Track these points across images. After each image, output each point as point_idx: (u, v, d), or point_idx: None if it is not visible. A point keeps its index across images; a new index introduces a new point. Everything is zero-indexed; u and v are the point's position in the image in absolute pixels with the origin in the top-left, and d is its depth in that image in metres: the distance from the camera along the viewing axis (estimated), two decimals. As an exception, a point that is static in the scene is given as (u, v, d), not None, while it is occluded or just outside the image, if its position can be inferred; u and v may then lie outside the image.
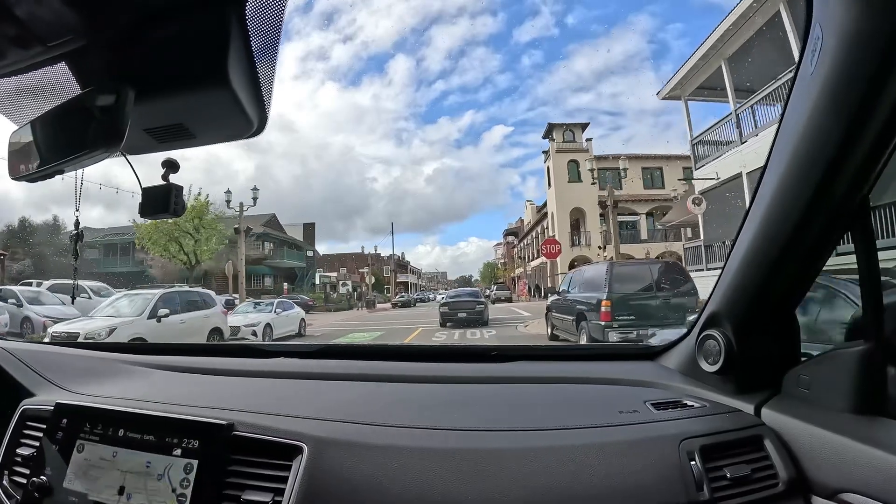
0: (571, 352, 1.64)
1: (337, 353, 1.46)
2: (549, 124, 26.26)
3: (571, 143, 26.54)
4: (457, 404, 0.95)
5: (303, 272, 29.98)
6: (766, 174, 0.76)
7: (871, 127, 0.61)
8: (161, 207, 0.75)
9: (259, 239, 26.76)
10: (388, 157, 54.26)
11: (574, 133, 26.85)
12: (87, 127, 0.62)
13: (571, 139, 26.67)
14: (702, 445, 0.77)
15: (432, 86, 53.38)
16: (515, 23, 49.82)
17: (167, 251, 16.66)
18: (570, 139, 26.64)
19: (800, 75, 0.67)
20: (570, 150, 25.86)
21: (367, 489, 0.74)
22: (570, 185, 25.82)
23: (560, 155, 25.73)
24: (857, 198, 0.70)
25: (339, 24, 50.02)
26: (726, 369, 0.90)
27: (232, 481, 0.79)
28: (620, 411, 0.88)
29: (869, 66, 0.57)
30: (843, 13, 0.58)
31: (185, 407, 0.92)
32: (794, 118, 0.69)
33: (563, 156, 26.23)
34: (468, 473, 0.74)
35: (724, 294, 0.90)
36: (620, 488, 0.72)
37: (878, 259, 0.72)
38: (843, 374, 0.75)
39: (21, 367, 1.16)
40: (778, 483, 0.74)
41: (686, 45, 31.89)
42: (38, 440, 0.95)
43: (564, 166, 25.71)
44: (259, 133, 0.68)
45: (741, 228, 0.83)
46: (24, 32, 0.59)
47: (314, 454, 0.78)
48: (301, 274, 29.72)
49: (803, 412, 0.78)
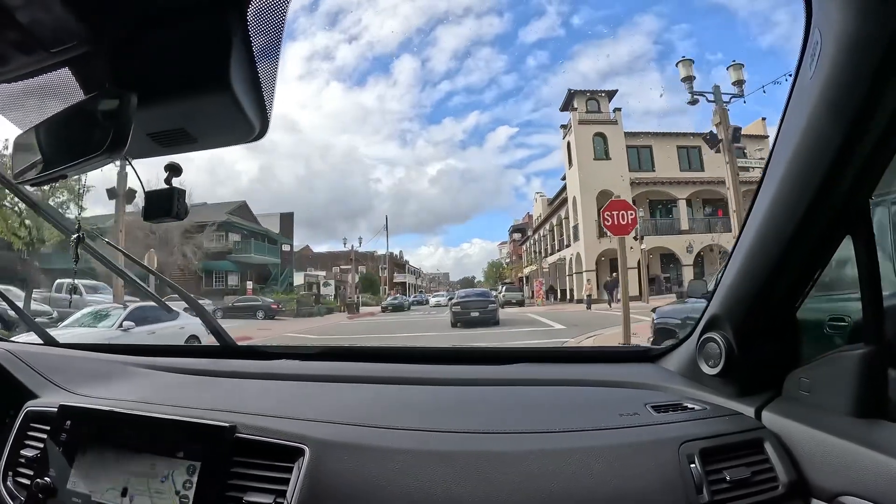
0: (572, 354, 1.67)
1: (339, 355, 1.52)
2: (569, 91, 21.73)
3: (596, 113, 21.48)
4: (458, 406, 0.99)
5: (278, 269, 24.84)
6: (766, 178, 0.79)
7: (870, 131, 0.64)
8: (164, 211, 0.77)
9: (221, 229, 21.89)
10: (393, 158, 55.50)
11: (599, 102, 22.29)
12: (90, 131, 0.64)
13: (596, 109, 21.71)
14: (702, 448, 0.79)
15: (437, 86, 55.60)
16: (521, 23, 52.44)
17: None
18: (595, 109, 21.58)
19: (799, 80, 0.70)
20: (595, 121, 21.04)
21: (368, 491, 0.78)
22: (596, 164, 22.75)
23: (583, 128, 21.34)
24: (858, 201, 0.73)
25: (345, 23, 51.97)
26: (727, 372, 0.92)
27: (234, 483, 0.83)
28: (621, 414, 0.90)
29: (868, 70, 0.60)
30: (842, 18, 0.60)
31: (188, 409, 0.97)
32: (794, 122, 0.72)
33: (587, 129, 23.48)
34: (469, 476, 0.77)
35: (725, 296, 0.93)
36: (620, 491, 0.75)
37: (879, 262, 0.75)
38: (844, 377, 0.77)
39: (25, 368, 1.21)
40: (778, 486, 0.76)
41: (692, 46, 35.17)
42: (42, 442, 0.99)
43: (589, 141, 21.08)
44: (261, 137, 0.71)
45: (742, 231, 0.87)
46: (27, 39, 0.62)
47: (316, 456, 0.82)
48: (276, 272, 24.60)
49: (804, 415, 0.80)
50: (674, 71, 12.18)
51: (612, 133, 22.70)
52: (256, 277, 26.85)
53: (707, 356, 0.96)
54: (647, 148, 23.87)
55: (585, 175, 21.44)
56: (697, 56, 34.50)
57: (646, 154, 23.80)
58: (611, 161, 22.24)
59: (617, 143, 22.74)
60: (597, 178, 21.04)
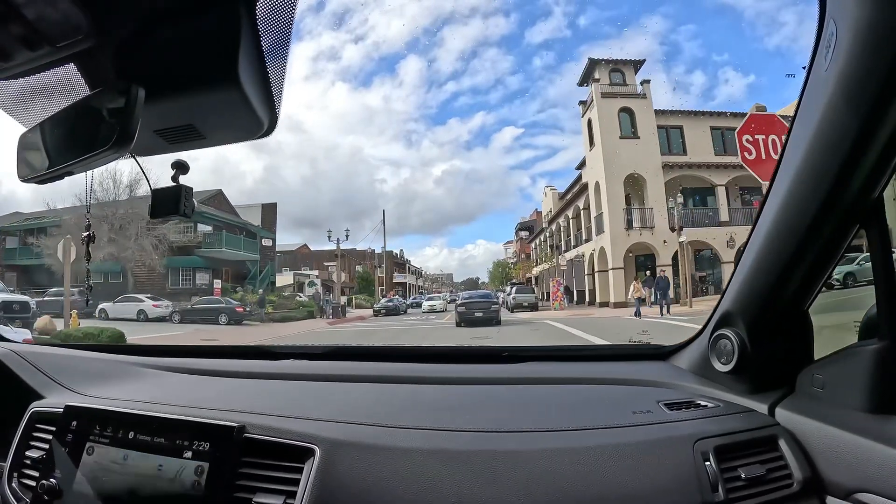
0: (583, 352, 1.66)
1: (347, 355, 1.55)
2: (589, 61, 18.88)
3: (621, 86, 17.91)
4: (469, 405, 1.00)
5: (257, 267, 21.64)
6: (779, 172, 0.81)
7: (887, 123, 0.64)
8: (171, 209, 0.79)
9: (189, 219, 18.59)
10: (398, 158, 56.00)
11: (624, 73, 18.80)
12: (96, 128, 0.64)
13: (621, 81, 18.22)
14: (716, 446, 0.80)
15: (443, 87, 57.22)
16: (528, 24, 53.91)
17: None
18: (620, 81, 18.11)
19: (813, 72, 0.71)
20: (620, 94, 17.62)
21: (379, 491, 0.79)
22: (622, 144, 19.44)
23: (607, 102, 18.42)
24: (873, 196, 0.73)
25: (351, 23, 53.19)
26: (740, 369, 0.93)
27: (243, 484, 0.84)
28: (634, 412, 0.92)
29: (887, 59, 0.60)
30: (857, 7, 0.60)
31: (196, 409, 0.97)
32: (808, 116, 0.72)
33: (612, 103, 20.37)
34: (481, 475, 0.78)
35: (738, 293, 0.94)
36: (635, 489, 0.76)
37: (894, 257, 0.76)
38: (858, 372, 0.77)
39: (30, 369, 1.22)
40: (793, 483, 0.78)
41: (698, 47, 35.39)
42: (47, 443, 1.01)
43: (614, 117, 18.11)
44: (269, 133, 0.71)
45: (754, 226, 0.89)
46: (32, 33, 0.62)
47: (326, 456, 0.82)
48: (255, 269, 21.42)
49: (818, 411, 0.81)
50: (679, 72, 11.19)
51: (640, 108, 19.89)
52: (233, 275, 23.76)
53: (719, 353, 0.97)
54: (678, 129, 20.80)
55: (611, 156, 19.19)
56: (704, 57, 34.26)
57: (675, 135, 20.75)
58: (639, 140, 19.10)
59: (646, 119, 19.70)
60: (624, 160, 19.18)
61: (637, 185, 19.22)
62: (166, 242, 21.29)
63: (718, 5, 32.72)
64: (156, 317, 17.77)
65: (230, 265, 24.55)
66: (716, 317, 0.99)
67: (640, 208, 19.16)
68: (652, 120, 19.91)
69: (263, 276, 25.40)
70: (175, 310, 18.01)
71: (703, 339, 1.04)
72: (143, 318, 17.61)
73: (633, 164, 18.70)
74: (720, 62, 31.40)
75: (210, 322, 16.88)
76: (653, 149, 19.04)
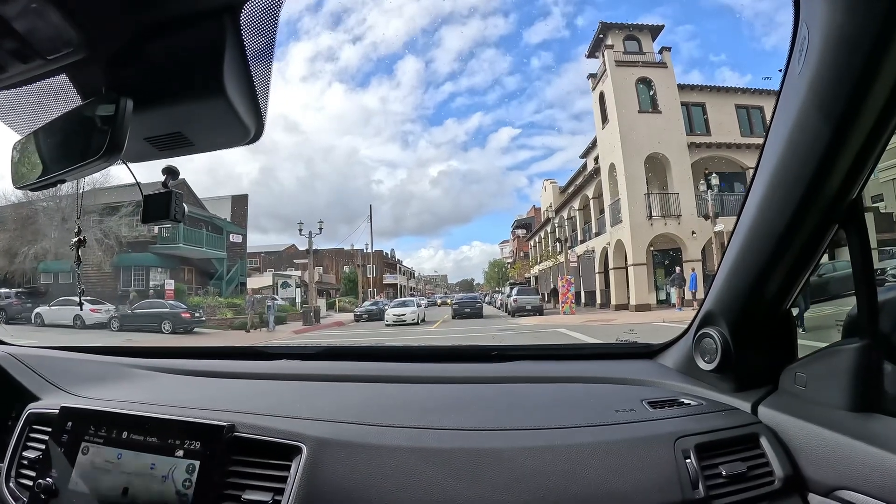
0: (570, 351, 1.66)
1: (338, 355, 1.61)
2: (601, 24, 15.82)
3: (637, 54, 15.06)
4: (455, 404, 1.04)
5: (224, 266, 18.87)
6: (758, 173, 0.83)
7: (860, 125, 0.67)
8: (162, 213, 0.81)
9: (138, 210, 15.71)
10: (394, 159, 57.10)
11: (640, 41, 15.75)
12: (88, 137, 0.67)
13: (637, 49, 15.30)
14: (697, 443, 0.83)
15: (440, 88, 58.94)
16: (526, 24, 52.73)
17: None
18: (635, 49, 15.24)
19: (788, 75, 0.73)
20: (637, 62, 14.54)
21: (365, 488, 0.81)
22: (641, 119, 16.63)
23: (622, 71, 15.68)
24: (851, 196, 0.75)
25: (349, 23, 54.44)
26: (723, 367, 0.96)
27: (233, 481, 0.87)
28: (617, 410, 0.94)
29: (856, 63, 0.62)
30: (829, 13, 0.62)
31: (188, 409, 1.01)
32: (784, 117, 0.75)
33: (627, 73, 17.35)
34: (465, 473, 0.81)
35: (720, 292, 0.96)
36: (616, 486, 0.78)
37: (872, 257, 0.77)
38: (840, 371, 0.79)
39: (26, 371, 1.27)
40: (774, 480, 0.79)
41: (696, 48, 34.78)
42: (43, 443, 1.05)
43: (631, 87, 15.35)
44: (256, 139, 0.74)
45: (735, 226, 0.90)
46: (24, 46, 0.65)
47: (313, 454, 0.85)
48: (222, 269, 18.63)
49: (800, 409, 0.84)
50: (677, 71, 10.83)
51: (660, 78, 17.21)
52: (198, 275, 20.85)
53: (703, 352, 0.99)
54: (699, 106, 18.04)
55: (628, 133, 16.33)
56: (701, 57, 35.16)
57: (697, 113, 17.97)
58: (661, 115, 16.24)
59: (667, 91, 17.00)
60: (643, 137, 16.41)
61: (659, 166, 16.53)
62: (114, 237, 18.60)
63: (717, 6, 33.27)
64: (94, 323, 15.55)
65: (192, 264, 21.91)
66: (700, 316, 1.01)
67: (662, 193, 16.48)
68: (674, 92, 17.30)
69: (231, 277, 23.05)
70: (114, 315, 15.52)
71: (687, 338, 1.07)
72: (79, 324, 15.42)
73: (654, 142, 16.30)
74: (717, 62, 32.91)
75: (153, 331, 14.39)
76: (676, 125, 16.72)
